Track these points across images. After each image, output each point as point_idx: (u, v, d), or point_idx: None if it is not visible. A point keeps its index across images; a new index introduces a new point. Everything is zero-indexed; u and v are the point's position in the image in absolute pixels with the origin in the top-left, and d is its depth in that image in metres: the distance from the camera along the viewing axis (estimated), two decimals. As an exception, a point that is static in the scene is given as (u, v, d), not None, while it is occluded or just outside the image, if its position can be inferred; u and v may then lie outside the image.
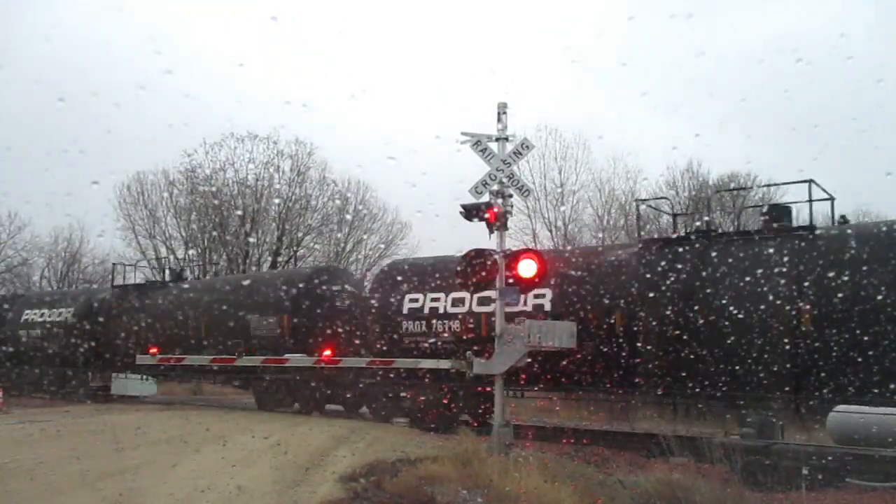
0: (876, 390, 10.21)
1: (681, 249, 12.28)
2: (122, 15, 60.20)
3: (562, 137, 30.53)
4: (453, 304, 14.16)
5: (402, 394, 14.74)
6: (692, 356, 11.47)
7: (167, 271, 25.89)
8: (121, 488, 7.58)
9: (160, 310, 20.60)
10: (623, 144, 48.59)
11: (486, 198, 10.47)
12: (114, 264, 25.37)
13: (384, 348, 15.15)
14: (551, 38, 56.68)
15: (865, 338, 10.14)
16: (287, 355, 16.41)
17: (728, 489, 7.76)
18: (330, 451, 10.42)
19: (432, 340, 14.24)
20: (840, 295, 10.43)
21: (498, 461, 8.65)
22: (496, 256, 10.44)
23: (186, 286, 21.60)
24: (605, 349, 12.27)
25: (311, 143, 34.07)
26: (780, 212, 12.36)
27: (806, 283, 10.74)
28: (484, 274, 10.47)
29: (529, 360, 10.82)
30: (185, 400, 22.25)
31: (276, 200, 33.69)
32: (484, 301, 13.01)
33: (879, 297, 10.18)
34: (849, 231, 11.47)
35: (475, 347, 12.31)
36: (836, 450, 10.67)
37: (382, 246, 35.70)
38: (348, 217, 34.82)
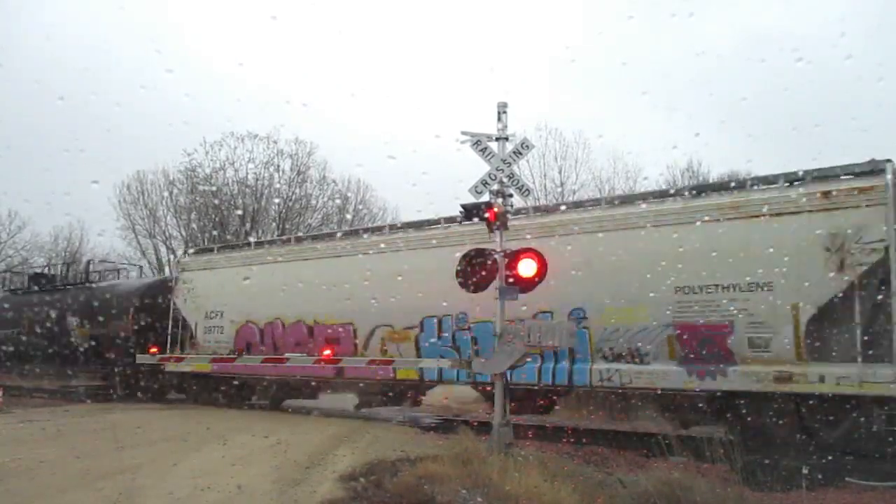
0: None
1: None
2: (123, 14, 60.31)
3: (562, 137, 30.70)
4: None
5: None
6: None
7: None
8: (121, 487, 7.58)
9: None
10: (623, 144, 48.66)
11: (486, 197, 10.47)
12: None
13: None
14: (551, 38, 56.70)
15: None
16: (287, 354, 16.36)
17: (728, 488, 7.76)
18: (330, 450, 10.42)
19: None
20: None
21: (498, 460, 8.64)
22: (496, 256, 10.45)
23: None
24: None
25: (311, 142, 34.20)
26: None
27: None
28: (484, 273, 10.49)
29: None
30: (185, 399, 22.19)
31: (276, 200, 33.81)
32: None
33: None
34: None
35: None
36: (836, 449, 10.67)
37: (383, 245, 35.67)
38: (348, 216, 34.94)
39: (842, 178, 10.01)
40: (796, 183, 10.35)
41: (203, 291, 18.37)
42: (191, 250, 22.40)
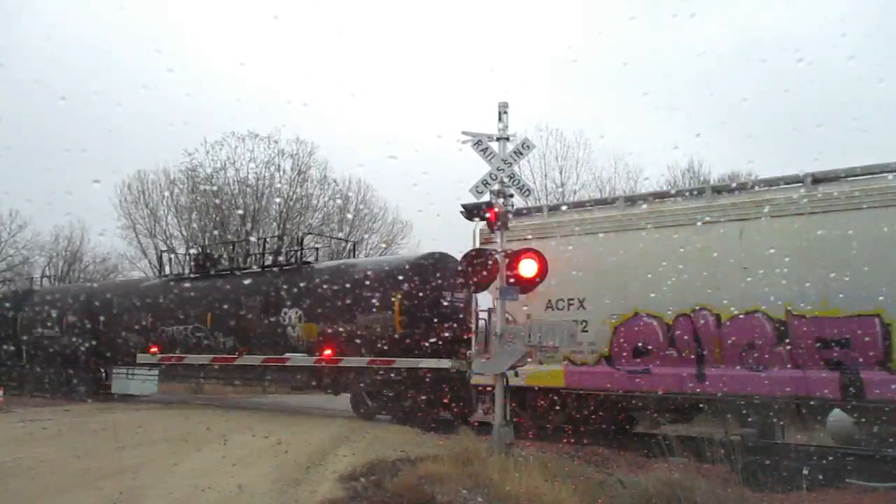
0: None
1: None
2: (124, 14, 60.28)
3: (562, 137, 30.68)
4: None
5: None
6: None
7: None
8: (121, 487, 7.58)
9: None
10: (624, 144, 48.73)
11: (486, 197, 10.48)
12: None
13: None
14: (552, 38, 56.67)
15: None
16: (287, 354, 16.30)
17: (729, 489, 7.75)
18: (330, 450, 10.42)
19: None
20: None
21: (498, 460, 8.65)
22: (497, 256, 10.45)
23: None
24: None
25: (312, 142, 34.18)
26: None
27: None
28: (485, 273, 10.49)
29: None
30: (186, 399, 22.24)
31: (277, 200, 33.77)
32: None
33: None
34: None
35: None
36: (836, 450, 10.67)
37: (383, 245, 35.74)
38: (349, 216, 34.92)
39: None
40: None
41: None
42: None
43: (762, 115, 37.17)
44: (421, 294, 14.54)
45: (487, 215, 10.35)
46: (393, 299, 14.60)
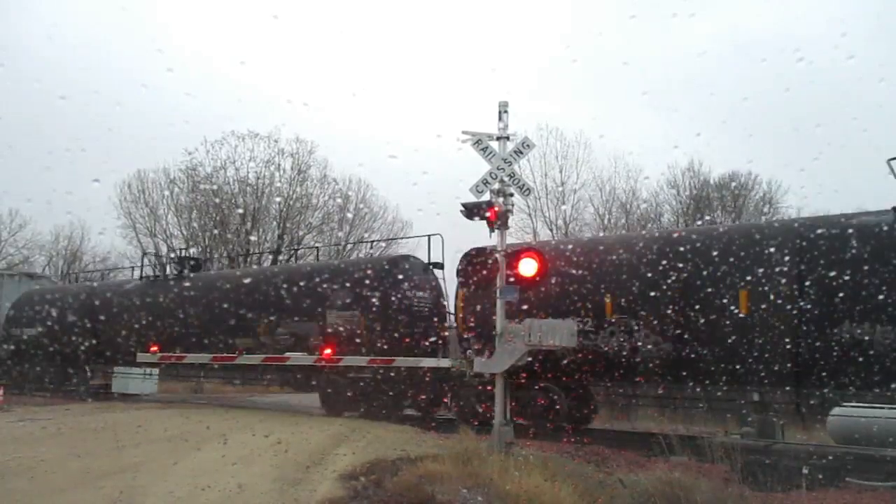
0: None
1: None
2: (124, 13, 60.36)
3: (563, 136, 30.73)
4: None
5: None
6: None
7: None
8: (121, 486, 7.58)
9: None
10: (624, 143, 48.79)
11: (486, 196, 10.47)
12: None
13: None
14: (552, 38, 56.68)
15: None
16: (287, 353, 16.28)
17: (728, 488, 7.76)
18: (330, 449, 10.41)
19: None
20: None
21: (498, 460, 8.64)
22: (497, 255, 10.44)
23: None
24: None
25: (312, 141, 34.24)
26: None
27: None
28: (485, 273, 10.48)
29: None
30: (186, 398, 22.23)
31: (277, 199, 33.82)
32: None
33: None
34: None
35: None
36: (836, 449, 10.68)
37: (383, 245, 35.77)
38: (349, 216, 34.99)
39: None
40: None
41: None
42: None
43: (762, 115, 37.27)
44: None
45: (487, 214, 10.34)
46: None
